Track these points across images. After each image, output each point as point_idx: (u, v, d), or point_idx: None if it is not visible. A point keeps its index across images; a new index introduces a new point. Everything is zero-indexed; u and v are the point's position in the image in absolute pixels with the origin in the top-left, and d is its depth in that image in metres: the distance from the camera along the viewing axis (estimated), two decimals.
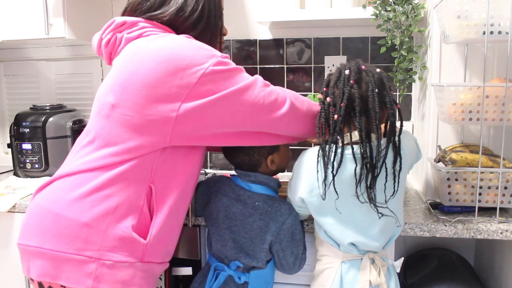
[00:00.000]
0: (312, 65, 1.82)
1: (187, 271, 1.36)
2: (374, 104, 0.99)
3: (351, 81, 1.01)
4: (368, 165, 0.99)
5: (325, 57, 1.80)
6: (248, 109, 1.00)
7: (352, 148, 1.00)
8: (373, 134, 1.01)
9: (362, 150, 0.99)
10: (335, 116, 1.00)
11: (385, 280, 1.09)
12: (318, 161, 1.02)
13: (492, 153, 1.30)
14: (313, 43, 1.81)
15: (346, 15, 1.59)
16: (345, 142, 1.01)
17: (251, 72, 1.93)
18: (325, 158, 1.01)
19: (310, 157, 1.07)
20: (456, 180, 1.26)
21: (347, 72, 1.02)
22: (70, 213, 0.95)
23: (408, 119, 1.77)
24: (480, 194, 1.26)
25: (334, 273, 1.10)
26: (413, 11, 1.45)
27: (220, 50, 1.14)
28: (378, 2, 1.49)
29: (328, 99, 1.03)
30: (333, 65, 1.79)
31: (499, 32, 1.18)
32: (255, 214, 1.14)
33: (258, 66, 1.86)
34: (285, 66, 1.85)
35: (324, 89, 1.06)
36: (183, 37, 1.02)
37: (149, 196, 1.00)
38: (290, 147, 1.26)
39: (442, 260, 1.49)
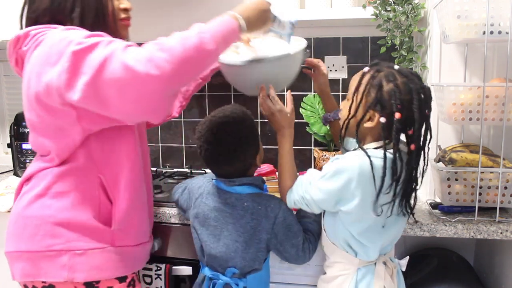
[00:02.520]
0: None
1: (187, 271, 1.36)
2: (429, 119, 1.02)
3: (428, 112, 1.00)
4: (414, 174, 1.02)
5: (325, 57, 1.80)
6: None
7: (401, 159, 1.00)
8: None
9: (414, 162, 1.00)
10: (410, 131, 0.98)
11: (396, 282, 1.09)
12: (385, 172, 0.96)
13: (492, 153, 1.30)
14: (313, 43, 1.81)
15: (346, 15, 1.59)
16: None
17: None
18: (396, 168, 0.97)
19: (360, 168, 0.97)
20: (456, 180, 1.26)
21: (423, 96, 0.98)
22: (35, 213, 1.02)
23: None
24: (480, 194, 1.25)
25: (349, 280, 1.07)
26: (413, 11, 1.45)
27: (126, 28, 1.15)
28: (378, 2, 1.49)
29: (398, 115, 0.96)
30: (333, 65, 1.79)
31: (499, 32, 1.18)
32: (247, 214, 1.12)
33: None
34: None
35: (398, 106, 0.97)
36: (53, 33, 0.97)
37: (103, 186, 1.05)
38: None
39: (442, 260, 1.49)
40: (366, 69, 1.04)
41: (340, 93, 1.79)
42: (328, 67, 1.80)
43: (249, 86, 1.24)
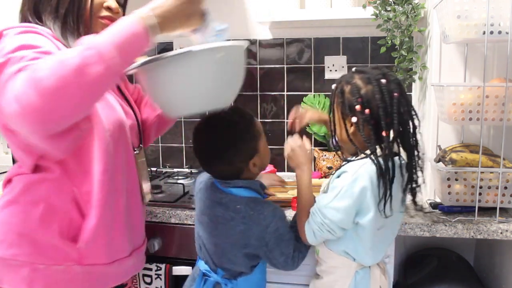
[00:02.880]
0: (312, 65, 1.82)
1: (187, 271, 1.36)
2: (416, 116, 1.02)
3: (396, 94, 0.98)
4: (413, 177, 1.02)
5: (325, 57, 1.80)
6: None
7: (400, 162, 1.01)
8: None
9: (414, 163, 1.02)
10: (385, 132, 0.97)
11: (388, 280, 1.11)
12: (379, 178, 0.97)
13: (492, 153, 1.30)
14: (313, 43, 1.81)
15: (346, 15, 1.59)
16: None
17: (251, 71, 1.93)
18: (389, 173, 0.97)
19: (370, 177, 0.97)
20: (456, 180, 1.26)
21: (384, 81, 0.99)
22: (5, 219, 0.97)
23: None
24: (480, 194, 1.25)
25: (348, 283, 1.07)
26: (413, 11, 1.45)
27: (105, 27, 0.97)
28: (378, 2, 1.49)
29: (367, 111, 0.98)
30: (333, 65, 1.79)
31: (499, 32, 1.18)
32: (237, 217, 1.09)
33: (258, 66, 1.86)
34: (285, 66, 1.84)
35: (359, 99, 0.99)
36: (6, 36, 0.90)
37: (76, 200, 0.99)
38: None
39: (442, 260, 1.49)
40: (333, 86, 1.07)
41: None
42: (328, 67, 1.80)
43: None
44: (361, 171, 0.98)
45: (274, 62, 1.85)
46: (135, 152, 1.13)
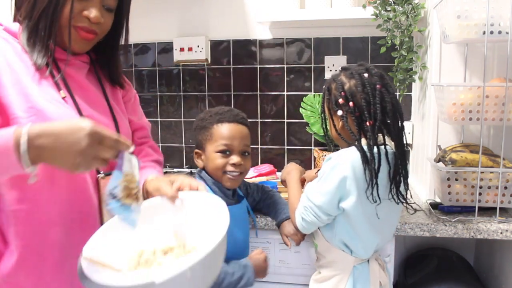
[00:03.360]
0: (312, 65, 1.82)
1: None
2: (399, 107, 1.05)
3: (378, 86, 1.01)
4: (401, 165, 1.03)
5: (325, 57, 1.80)
6: None
7: (386, 151, 1.02)
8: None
9: (399, 152, 1.03)
10: (369, 122, 1.01)
11: (387, 275, 1.13)
12: (365, 165, 1.00)
13: (492, 153, 1.30)
14: (313, 43, 1.81)
15: (346, 15, 1.59)
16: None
17: (251, 72, 1.93)
18: (374, 161, 1.00)
19: (351, 163, 1.01)
20: (456, 180, 1.26)
21: (366, 75, 1.03)
22: None
23: (408, 119, 1.77)
24: (480, 194, 1.25)
25: (346, 278, 1.08)
26: (413, 11, 1.45)
27: (79, 39, 0.93)
28: (378, 2, 1.49)
29: (351, 104, 1.02)
30: (333, 65, 1.79)
31: (499, 32, 1.18)
32: None
33: (258, 66, 1.86)
34: (285, 66, 1.85)
35: (342, 93, 1.04)
36: None
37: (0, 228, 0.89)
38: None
39: (442, 260, 1.49)
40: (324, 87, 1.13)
41: None
42: (328, 67, 1.80)
43: None
44: (342, 157, 1.03)
45: (274, 62, 1.85)
46: (99, 176, 0.95)
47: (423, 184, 1.51)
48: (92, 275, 0.71)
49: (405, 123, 1.78)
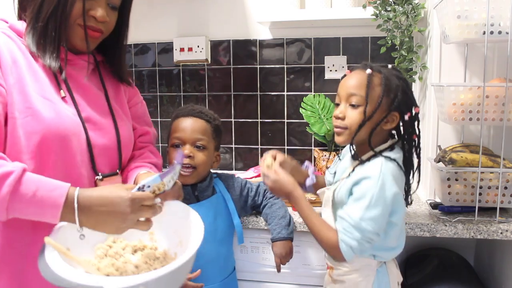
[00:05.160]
0: (312, 65, 1.82)
1: None
2: None
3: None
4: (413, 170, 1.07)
5: (325, 57, 1.80)
6: None
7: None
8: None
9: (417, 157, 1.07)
10: (415, 135, 1.05)
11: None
12: (403, 172, 1.02)
13: (492, 153, 1.30)
14: (313, 43, 1.81)
15: (346, 15, 1.59)
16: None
17: (251, 72, 1.93)
18: (411, 167, 1.05)
19: (393, 177, 0.98)
20: (456, 180, 1.26)
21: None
22: None
23: None
24: (480, 194, 1.25)
25: (371, 281, 1.06)
26: (413, 11, 1.45)
27: (89, 38, 0.94)
28: (378, 2, 1.49)
29: (416, 109, 1.03)
30: (333, 65, 1.79)
31: (499, 32, 1.18)
32: None
33: (258, 66, 1.86)
34: (285, 66, 1.84)
35: (410, 99, 1.04)
36: None
37: None
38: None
39: (442, 260, 1.49)
40: (368, 70, 1.01)
41: None
42: (328, 67, 1.80)
43: None
44: (385, 173, 0.96)
45: (274, 62, 1.85)
46: (97, 178, 0.95)
47: (423, 184, 1.51)
48: (50, 261, 0.74)
49: None
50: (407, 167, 1.04)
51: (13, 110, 0.85)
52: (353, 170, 1.02)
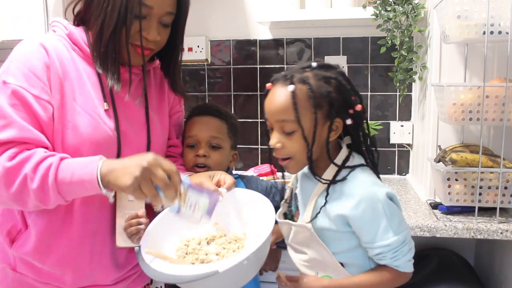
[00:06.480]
0: None
1: None
2: None
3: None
4: None
5: (325, 57, 1.80)
6: None
7: None
8: None
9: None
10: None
11: None
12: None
13: (492, 153, 1.30)
14: (313, 43, 1.81)
15: (346, 15, 1.59)
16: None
17: (251, 72, 1.92)
18: (376, 165, 0.99)
19: (379, 184, 0.94)
20: (456, 180, 1.26)
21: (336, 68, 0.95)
22: None
23: (408, 119, 1.78)
24: (480, 194, 1.25)
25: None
26: (413, 11, 1.45)
27: (139, 55, 0.98)
28: (378, 2, 1.49)
29: (359, 106, 0.91)
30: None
31: (499, 32, 1.18)
32: None
33: (258, 66, 1.86)
34: (285, 66, 1.84)
35: (353, 98, 0.92)
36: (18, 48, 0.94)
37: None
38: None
39: (442, 260, 1.49)
40: (290, 87, 0.89)
41: None
42: None
43: None
44: (371, 183, 0.91)
45: (274, 62, 1.85)
46: None
47: (423, 184, 1.51)
48: (158, 267, 0.84)
49: (405, 123, 1.80)
50: (374, 166, 0.97)
51: (56, 121, 0.92)
52: (328, 193, 0.92)
